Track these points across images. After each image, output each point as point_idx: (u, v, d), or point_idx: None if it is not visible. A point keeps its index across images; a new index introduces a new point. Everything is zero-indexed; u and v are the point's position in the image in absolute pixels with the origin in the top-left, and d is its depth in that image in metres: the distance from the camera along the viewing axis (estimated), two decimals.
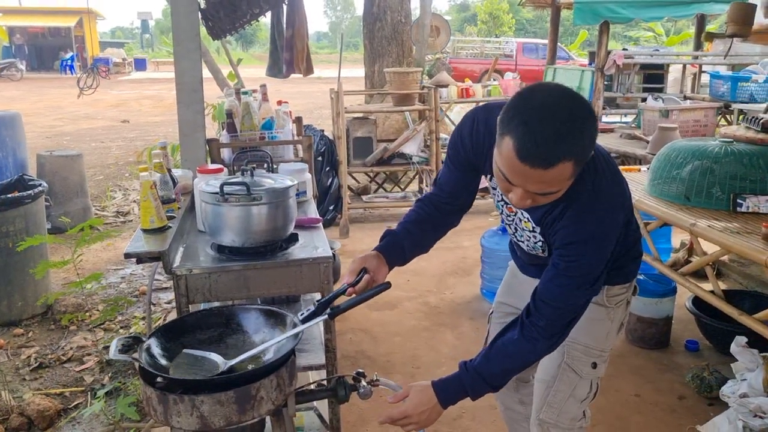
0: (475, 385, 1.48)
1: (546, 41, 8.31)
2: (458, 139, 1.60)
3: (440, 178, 1.72)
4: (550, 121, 1.22)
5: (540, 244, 1.59)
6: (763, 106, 4.80)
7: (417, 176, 6.50)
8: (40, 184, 3.79)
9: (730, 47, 5.19)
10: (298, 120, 3.56)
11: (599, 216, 1.41)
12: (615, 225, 1.44)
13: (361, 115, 5.96)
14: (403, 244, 1.68)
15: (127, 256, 1.97)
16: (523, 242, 1.67)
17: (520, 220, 1.59)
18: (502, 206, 1.63)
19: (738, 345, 2.65)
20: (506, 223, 1.69)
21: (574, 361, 1.71)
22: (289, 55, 3.71)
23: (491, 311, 2.02)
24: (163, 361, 1.42)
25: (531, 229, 1.58)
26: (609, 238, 1.43)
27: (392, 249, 1.67)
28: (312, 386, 1.61)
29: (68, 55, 29.40)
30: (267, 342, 1.46)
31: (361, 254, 1.64)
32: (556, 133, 1.21)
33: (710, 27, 8.41)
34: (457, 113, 6.91)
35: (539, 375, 1.78)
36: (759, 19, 4.23)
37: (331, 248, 2.18)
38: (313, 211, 2.61)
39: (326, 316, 1.53)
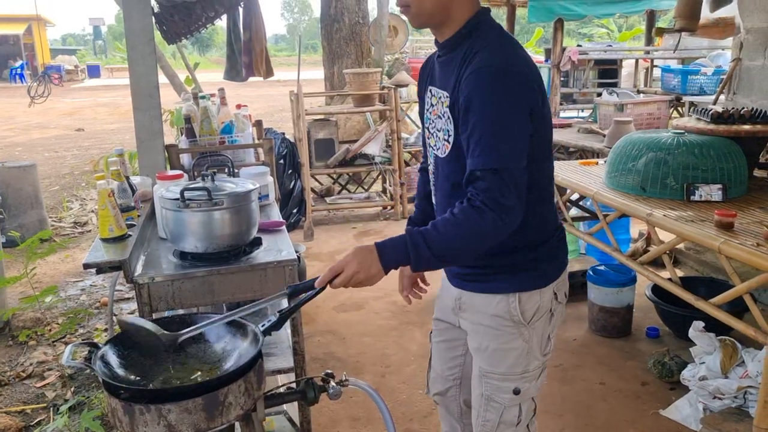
0: (417, 246, 1.37)
1: None
2: (419, 88, 1.67)
3: (423, 143, 1.73)
4: None
5: (449, 132, 1.50)
6: (712, 97, 4.95)
7: (380, 176, 6.51)
8: None
9: (678, 41, 5.35)
10: (258, 123, 3.53)
11: (505, 52, 1.42)
12: (521, 73, 1.41)
13: (322, 116, 5.95)
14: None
15: (86, 266, 1.93)
16: (437, 150, 1.57)
17: (438, 114, 1.54)
18: (429, 115, 1.59)
19: (696, 330, 2.73)
20: (427, 139, 1.62)
21: (493, 391, 1.62)
22: (248, 58, 3.67)
23: (431, 331, 1.90)
24: (120, 370, 1.39)
25: (444, 113, 1.50)
26: (515, 77, 1.40)
27: None
28: (281, 389, 1.60)
29: (18, 64, 28.52)
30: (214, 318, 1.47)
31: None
32: None
33: (660, 23, 8.63)
34: (417, 112, 6.95)
35: (472, 402, 1.70)
36: (705, 14, 4.36)
37: (296, 251, 2.17)
38: (276, 215, 2.59)
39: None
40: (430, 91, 1.58)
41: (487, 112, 1.37)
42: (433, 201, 1.68)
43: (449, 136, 1.50)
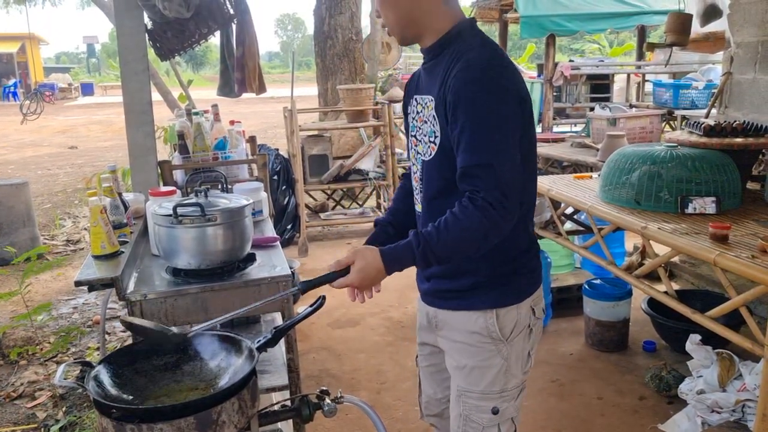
0: (425, 249, 1.37)
1: None
2: (404, 101, 1.69)
3: (408, 154, 1.72)
4: None
5: (435, 133, 1.48)
6: (704, 111, 4.98)
7: (374, 192, 6.52)
8: None
9: (669, 56, 5.40)
10: (251, 139, 3.53)
11: (489, 51, 1.44)
12: (508, 66, 1.43)
13: (315, 132, 5.95)
14: (388, 229, 1.66)
15: (78, 284, 1.91)
16: (424, 155, 1.54)
17: (424, 120, 1.52)
18: (415, 123, 1.58)
19: (692, 343, 2.73)
20: (414, 146, 1.59)
21: (471, 411, 1.58)
22: (241, 74, 3.67)
23: (416, 355, 1.88)
24: (114, 389, 1.37)
25: (430, 116, 1.49)
26: (502, 70, 1.41)
27: (378, 238, 1.64)
28: (275, 407, 1.57)
29: (11, 82, 28.53)
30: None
31: (357, 249, 1.48)
32: None
33: (651, 38, 8.71)
34: None
35: (451, 424, 1.67)
36: (696, 29, 4.41)
37: (290, 267, 2.15)
38: (270, 230, 2.58)
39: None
40: (415, 99, 1.59)
41: (477, 107, 1.37)
42: (417, 210, 1.63)
43: (435, 137, 1.49)
